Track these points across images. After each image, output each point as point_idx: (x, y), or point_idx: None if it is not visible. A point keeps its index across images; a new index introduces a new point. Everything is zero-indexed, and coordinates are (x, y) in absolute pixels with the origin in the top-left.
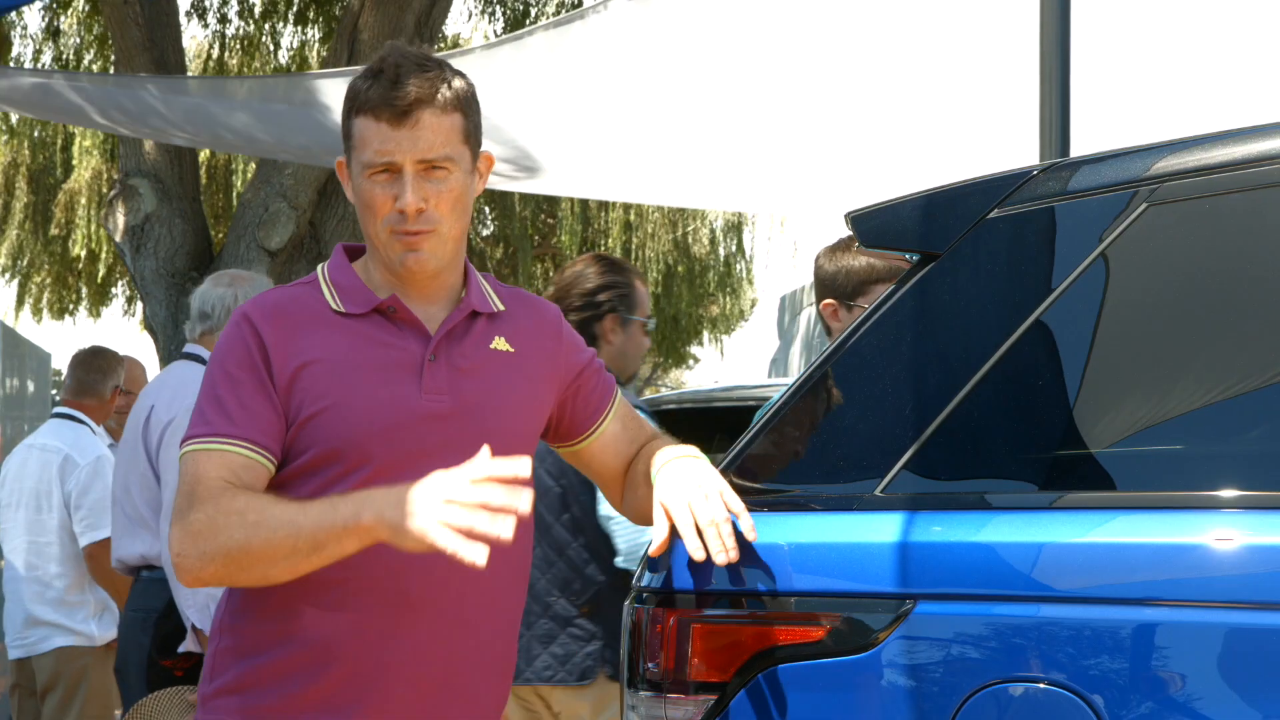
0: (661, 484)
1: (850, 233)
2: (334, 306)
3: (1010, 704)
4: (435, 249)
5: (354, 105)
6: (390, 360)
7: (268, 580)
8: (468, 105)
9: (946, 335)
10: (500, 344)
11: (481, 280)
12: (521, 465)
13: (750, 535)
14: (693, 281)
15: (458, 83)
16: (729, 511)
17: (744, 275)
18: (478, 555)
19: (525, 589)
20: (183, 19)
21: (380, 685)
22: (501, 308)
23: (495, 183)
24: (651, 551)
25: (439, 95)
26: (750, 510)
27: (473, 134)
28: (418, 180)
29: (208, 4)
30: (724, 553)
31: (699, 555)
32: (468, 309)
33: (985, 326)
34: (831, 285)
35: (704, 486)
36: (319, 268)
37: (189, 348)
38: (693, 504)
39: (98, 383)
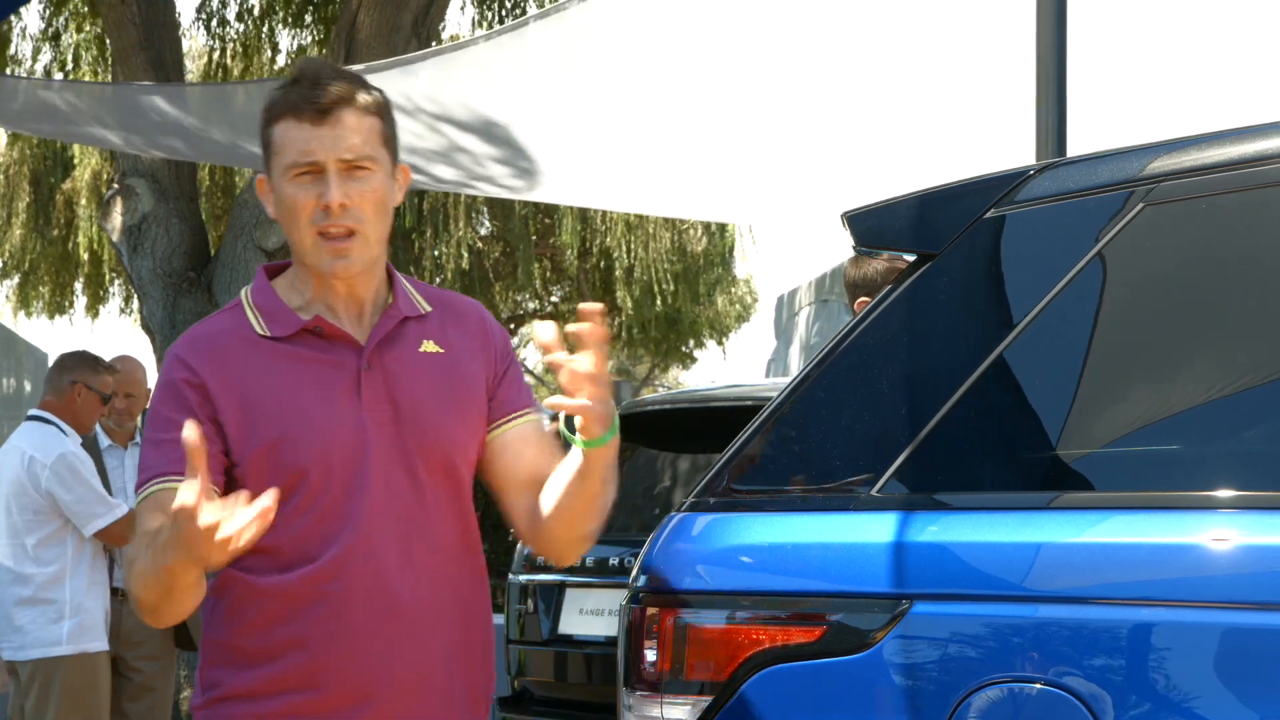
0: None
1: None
2: (260, 331)
3: (1007, 704)
4: (360, 253)
5: (273, 113)
6: (326, 378)
7: (184, 611)
8: (385, 113)
9: (943, 335)
10: (430, 346)
11: (405, 284)
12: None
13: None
14: (691, 281)
15: (375, 92)
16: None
17: (743, 275)
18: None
19: (485, 581)
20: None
21: (371, 690)
22: (428, 309)
23: (492, 191)
24: None
25: (358, 96)
26: (748, 510)
27: (391, 140)
28: (340, 178)
29: (205, 5)
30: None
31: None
32: (397, 315)
33: (982, 326)
34: (867, 285)
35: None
36: (242, 291)
37: None
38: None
39: (55, 380)
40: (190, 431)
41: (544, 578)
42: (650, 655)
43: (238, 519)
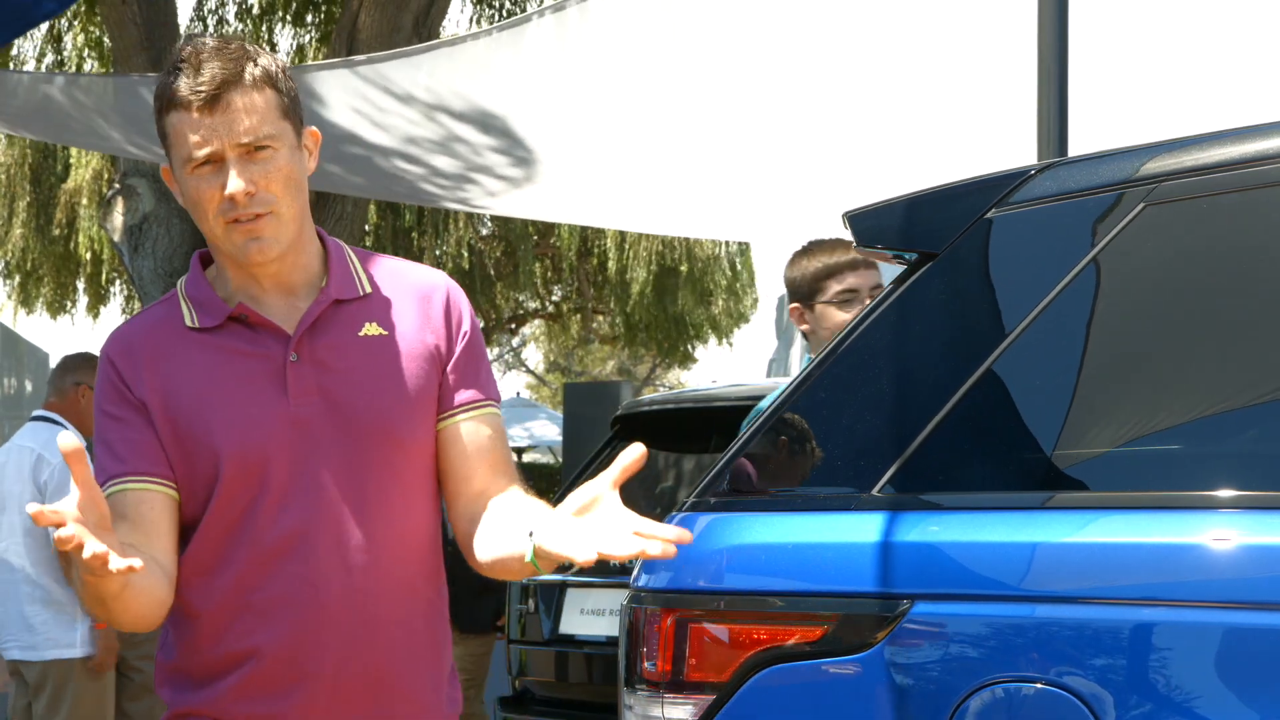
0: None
1: (807, 240)
2: (189, 323)
3: (1007, 704)
4: (276, 232)
5: (161, 104)
6: (251, 371)
7: (139, 618)
8: (278, 80)
9: (944, 335)
10: (371, 329)
11: (351, 260)
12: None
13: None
14: (693, 281)
15: (264, 60)
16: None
17: (745, 275)
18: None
19: (440, 575)
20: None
21: (309, 692)
22: (368, 290)
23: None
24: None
25: (245, 74)
26: (748, 510)
27: (291, 109)
28: (241, 164)
29: (207, 5)
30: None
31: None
32: (327, 299)
33: (982, 326)
34: (792, 290)
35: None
36: (179, 282)
37: None
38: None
39: (59, 381)
40: (66, 441)
41: (545, 578)
42: (651, 655)
43: (113, 559)
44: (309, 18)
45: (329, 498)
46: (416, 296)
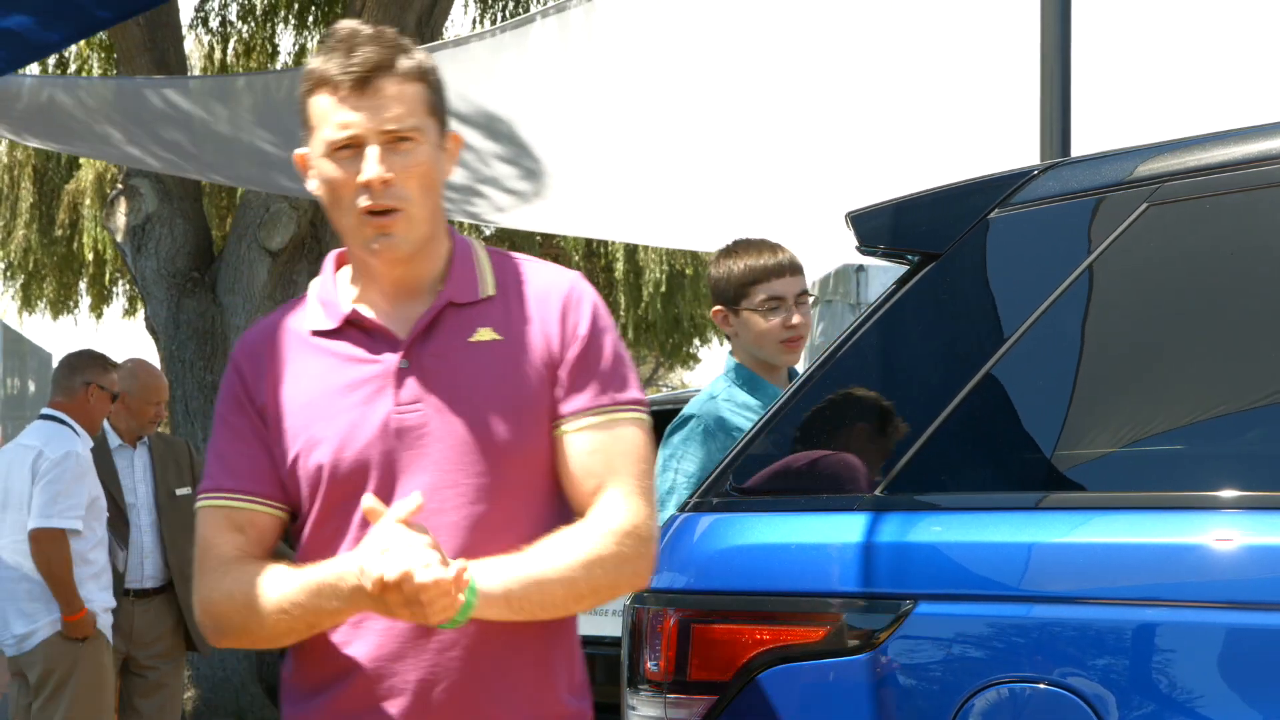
0: None
1: (732, 240)
2: (310, 326)
3: (1010, 704)
4: (406, 232)
5: (310, 84)
6: (362, 376)
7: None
8: (430, 77)
9: (947, 335)
10: (485, 334)
11: (479, 261)
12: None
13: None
14: (697, 282)
15: (418, 54)
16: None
17: None
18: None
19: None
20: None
21: (399, 707)
22: (491, 293)
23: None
24: None
25: (398, 62)
26: (750, 511)
27: (438, 107)
28: (383, 152)
29: (209, 6)
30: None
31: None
32: (443, 302)
33: (985, 326)
34: (716, 291)
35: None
36: (311, 282)
37: None
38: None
39: (66, 380)
40: (369, 501)
41: None
42: (654, 656)
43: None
44: (311, 18)
45: (429, 508)
46: (537, 298)
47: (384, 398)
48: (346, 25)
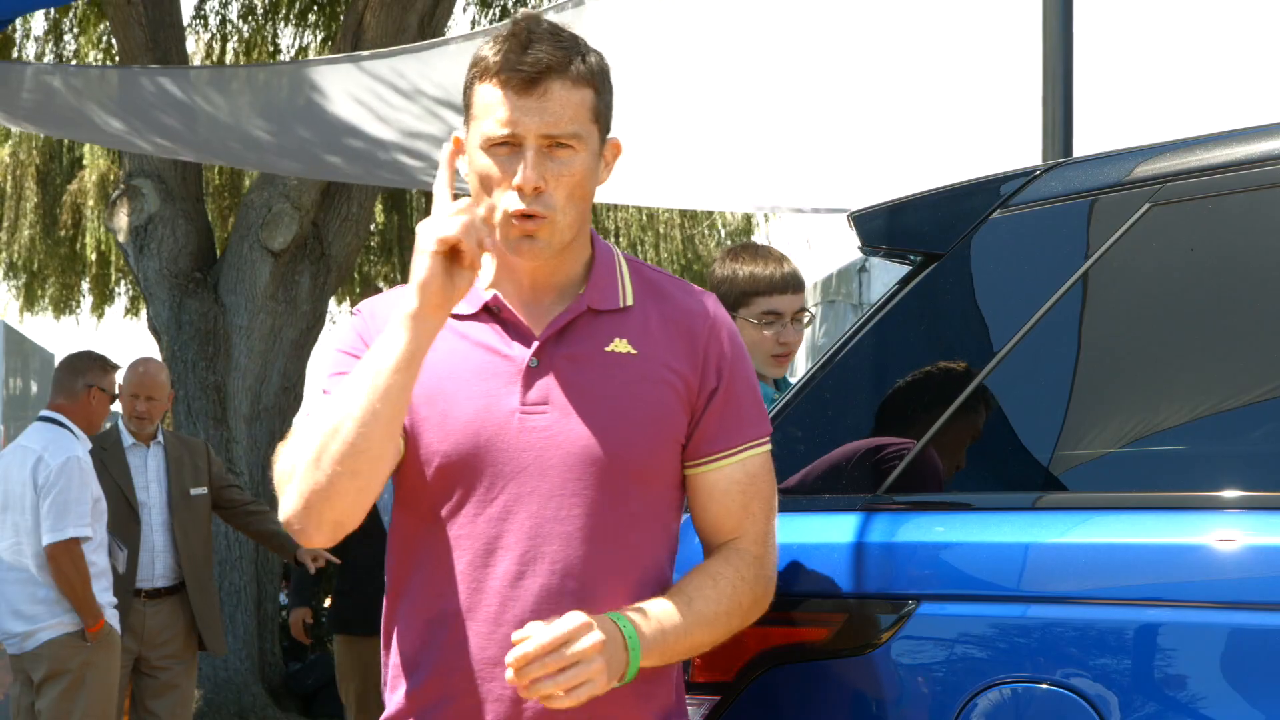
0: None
1: (738, 243)
2: None
3: (1013, 704)
4: (550, 236)
5: (477, 71)
6: (491, 367)
7: (344, 512)
8: (601, 82)
9: (949, 335)
10: (620, 345)
11: (620, 269)
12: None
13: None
14: (703, 281)
15: (593, 57)
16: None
17: None
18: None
19: (649, 551)
20: (185, 20)
21: (457, 709)
22: (629, 303)
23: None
24: None
25: (572, 66)
26: None
27: (603, 114)
28: (539, 157)
29: (211, 5)
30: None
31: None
32: (582, 306)
33: (988, 326)
34: (717, 292)
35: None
36: None
37: None
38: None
39: (68, 382)
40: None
41: None
42: None
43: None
44: (312, 18)
45: (539, 514)
46: (678, 321)
47: (511, 393)
48: (526, 16)
